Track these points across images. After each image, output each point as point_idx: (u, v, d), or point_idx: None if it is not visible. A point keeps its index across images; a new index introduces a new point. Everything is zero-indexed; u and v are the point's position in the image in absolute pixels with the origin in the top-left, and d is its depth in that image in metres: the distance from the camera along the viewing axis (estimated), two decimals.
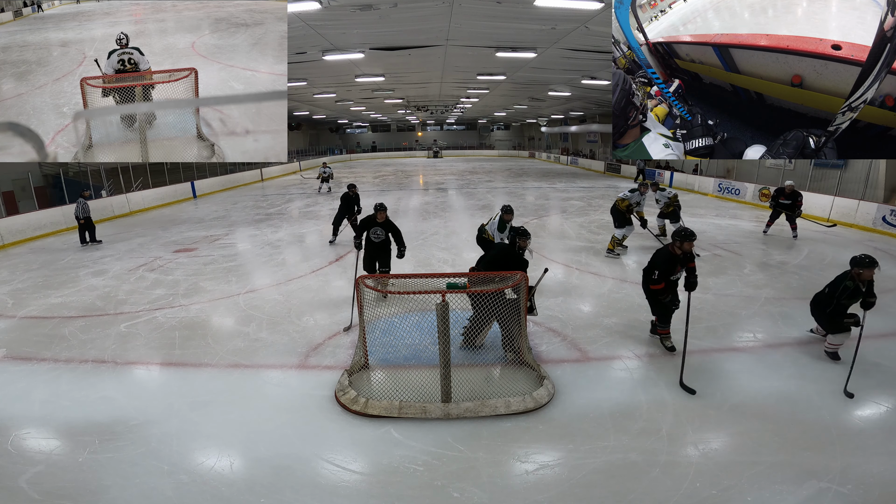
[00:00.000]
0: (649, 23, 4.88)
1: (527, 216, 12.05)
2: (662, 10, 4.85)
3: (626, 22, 4.87)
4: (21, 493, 2.83)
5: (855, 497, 2.71)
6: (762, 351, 4.56)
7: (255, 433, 3.39)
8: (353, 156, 42.60)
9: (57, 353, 4.71)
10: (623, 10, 4.88)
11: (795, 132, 4.41)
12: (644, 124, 4.96)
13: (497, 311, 3.89)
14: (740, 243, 8.76)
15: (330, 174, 17.97)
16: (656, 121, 4.93)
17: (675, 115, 4.88)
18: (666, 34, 4.85)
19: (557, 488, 2.84)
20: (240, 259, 8.26)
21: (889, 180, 11.58)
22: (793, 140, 4.42)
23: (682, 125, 4.85)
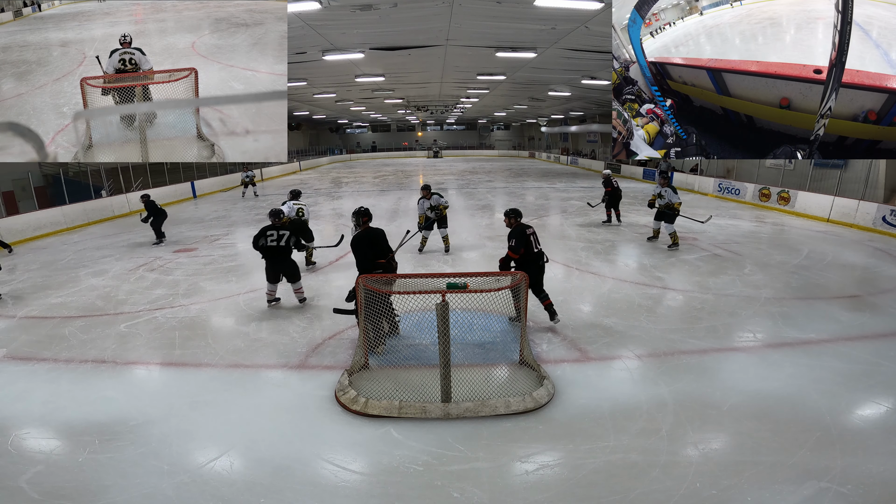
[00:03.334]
0: (647, 38, 4.97)
1: (527, 216, 12.03)
2: (660, 28, 4.92)
3: (638, 40, 4.94)
4: (21, 493, 2.83)
5: (855, 497, 2.71)
6: (762, 351, 4.56)
7: (255, 433, 3.39)
8: (353, 156, 42.63)
9: (57, 353, 4.71)
10: (636, 29, 4.94)
11: (784, 147, 4.69)
12: (631, 148, 5.09)
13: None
14: (740, 243, 8.76)
15: (252, 178, 17.40)
16: (646, 139, 5.02)
17: (667, 133, 4.96)
18: (659, 55, 4.97)
19: (557, 488, 2.84)
20: (240, 259, 8.26)
21: (889, 180, 11.58)
22: (782, 153, 4.70)
23: (677, 142, 4.95)
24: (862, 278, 6.72)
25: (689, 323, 5.15)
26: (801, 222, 9.05)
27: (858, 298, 5.87)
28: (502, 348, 4.46)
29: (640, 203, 13.97)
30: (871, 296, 5.96)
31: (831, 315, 5.34)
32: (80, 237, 10.68)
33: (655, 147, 5.05)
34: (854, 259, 7.68)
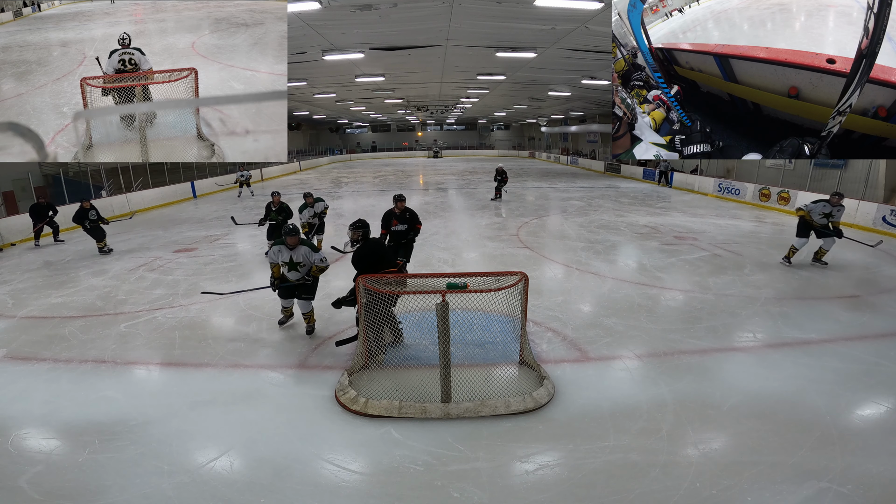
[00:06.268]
0: (653, 26, 4.90)
1: (527, 216, 12.06)
2: (667, 15, 4.87)
3: (639, 25, 4.88)
4: (21, 493, 2.83)
5: (855, 497, 2.71)
6: (762, 351, 4.56)
7: (255, 433, 3.39)
8: (353, 156, 42.62)
9: (57, 353, 4.71)
10: (636, 14, 4.89)
11: (791, 139, 4.54)
12: (635, 133, 5.00)
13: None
14: (740, 243, 8.77)
15: (248, 178, 17.27)
16: (652, 126, 4.95)
17: (673, 120, 4.90)
18: (666, 41, 4.89)
19: (557, 488, 2.84)
20: (240, 259, 8.26)
21: (889, 180, 11.58)
22: (788, 147, 4.54)
23: (682, 130, 4.88)
24: (862, 278, 6.72)
25: (689, 323, 5.15)
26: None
27: (858, 298, 5.87)
28: (502, 348, 4.46)
29: (640, 203, 13.98)
30: (871, 296, 5.96)
31: (831, 315, 5.34)
32: (81, 237, 10.67)
33: (661, 134, 4.96)
34: (854, 259, 7.68)
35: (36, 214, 9.59)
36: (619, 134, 5.09)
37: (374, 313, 3.98)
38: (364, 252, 4.41)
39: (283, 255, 4.81)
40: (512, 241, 9.22)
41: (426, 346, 4.52)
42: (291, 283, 4.92)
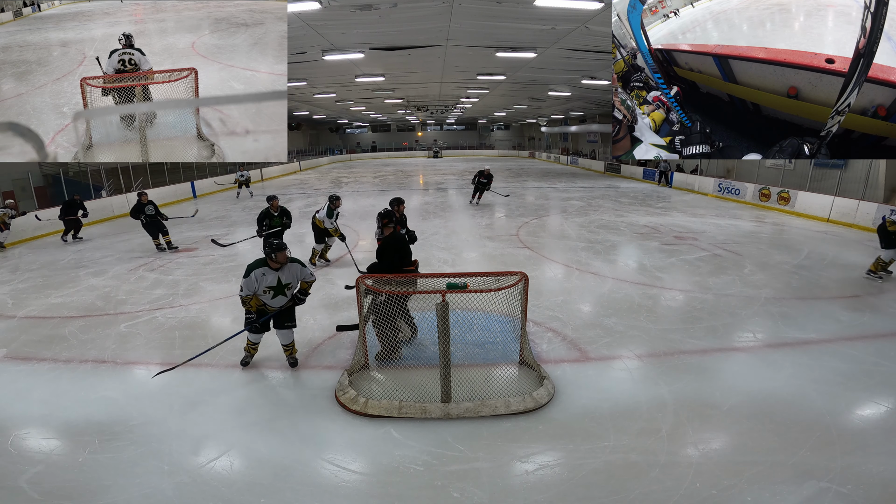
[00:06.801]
0: (652, 27, 4.90)
1: (527, 216, 12.06)
2: (666, 15, 4.87)
3: (638, 26, 4.89)
4: (21, 493, 2.83)
5: (855, 497, 2.71)
6: (762, 351, 4.56)
7: (255, 433, 3.39)
8: (353, 156, 42.60)
9: (57, 353, 4.71)
10: (636, 15, 4.89)
11: (791, 139, 4.55)
12: (634, 134, 5.00)
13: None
14: (740, 243, 8.76)
15: (247, 179, 17.23)
16: (652, 127, 4.96)
17: (673, 121, 4.90)
18: (666, 42, 4.90)
19: (557, 488, 2.84)
20: (240, 259, 8.25)
21: (889, 180, 11.58)
22: (788, 147, 4.54)
23: (681, 131, 4.88)
24: (862, 278, 6.72)
25: (689, 323, 5.15)
26: (801, 222, 9.05)
27: (858, 298, 5.87)
28: (502, 348, 4.46)
29: (640, 203, 13.98)
30: (871, 296, 5.96)
31: (831, 315, 5.34)
32: (80, 237, 10.67)
33: (661, 135, 4.97)
34: (854, 259, 7.68)
35: (67, 209, 9.83)
36: (619, 136, 5.10)
37: (391, 312, 3.99)
38: (392, 243, 4.44)
39: (269, 279, 3.99)
40: (512, 241, 9.22)
41: (426, 345, 4.52)
42: (273, 311, 4.11)
